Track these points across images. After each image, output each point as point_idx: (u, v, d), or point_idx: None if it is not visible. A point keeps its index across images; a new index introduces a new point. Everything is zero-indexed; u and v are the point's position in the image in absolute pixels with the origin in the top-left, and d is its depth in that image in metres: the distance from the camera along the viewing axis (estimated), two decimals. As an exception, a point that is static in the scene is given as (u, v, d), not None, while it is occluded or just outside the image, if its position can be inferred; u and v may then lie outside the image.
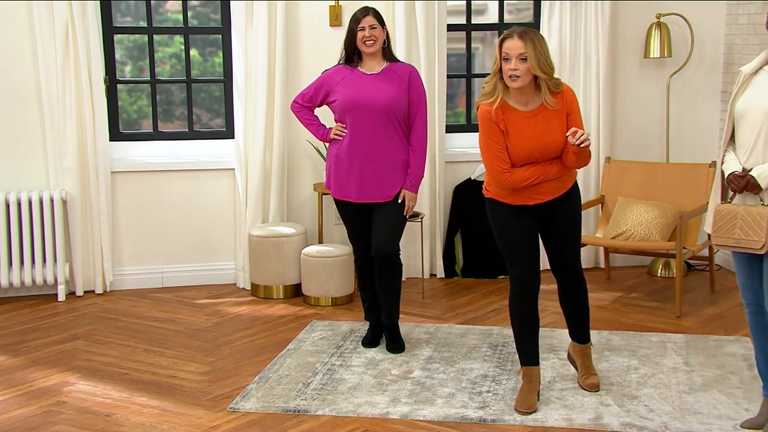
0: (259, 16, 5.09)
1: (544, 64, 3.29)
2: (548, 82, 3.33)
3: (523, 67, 3.27)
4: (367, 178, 4.03)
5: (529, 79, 3.31)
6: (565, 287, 3.68)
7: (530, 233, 3.51)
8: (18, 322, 4.71)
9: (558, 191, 3.48)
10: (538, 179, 3.41)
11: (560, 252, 3.59)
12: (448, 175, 5.54)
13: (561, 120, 3.38)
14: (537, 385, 3.58)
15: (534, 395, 3.55)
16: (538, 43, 3.29)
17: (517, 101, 3.39)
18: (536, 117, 3.38)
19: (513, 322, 3.58)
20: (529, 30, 3.33)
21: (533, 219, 3.51)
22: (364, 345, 4.24)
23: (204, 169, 5.34)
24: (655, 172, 5.24)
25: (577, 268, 3.63)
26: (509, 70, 3.28)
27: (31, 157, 5.10)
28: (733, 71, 5.56)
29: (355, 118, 4.01)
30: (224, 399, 3.67)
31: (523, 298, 3.53)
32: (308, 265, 4.98)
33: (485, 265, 5.54)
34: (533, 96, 3.39)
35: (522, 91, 3.36)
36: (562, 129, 3.37)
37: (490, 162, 3.42)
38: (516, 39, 3.27)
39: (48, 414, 3.53)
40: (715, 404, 3.56)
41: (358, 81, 4.03)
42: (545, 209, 3.50)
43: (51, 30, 4.92)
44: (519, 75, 3.28)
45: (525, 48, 3.25)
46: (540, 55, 3.27)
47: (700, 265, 5.57)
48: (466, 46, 5.69)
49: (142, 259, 5.33)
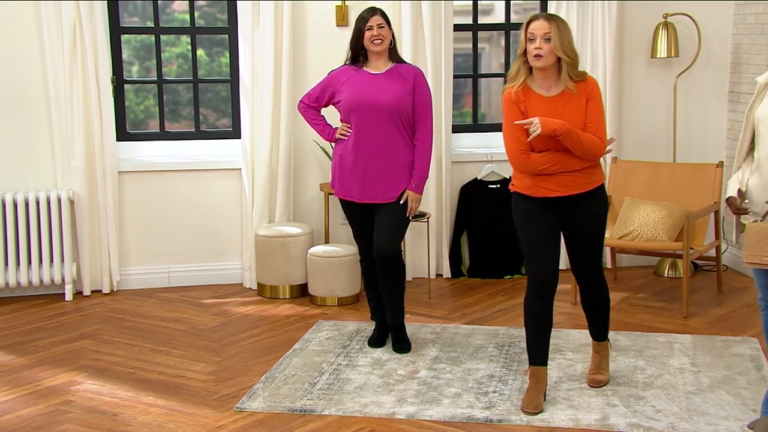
0: (266, 16, 5.10)
1: (567, 48, 3.37)
2: (570, 68, 3.39)
3: (547, 47, 3.35)
4: (371, 178, 4.03)
5: (552, 60, 3.38)
6: (585, 289, 3.72)
7: (551, 231, 3.52)
8: (25, 321, 4.72)
9: (580, 187, 3.47)
10: (555, 166, 3.42)
11: (580, 256, 3.62)
12: (454, 175, 5.54)
13: (580, 107, 3.42)
14: (544, 385, 3.58)
15: (541, 395, 3.55)
16: (563, 27, 3.39)
17: (540, 85, 3.45)
18: (556, 102, 3.42)
19: (525, 319, 3.58)
20: (556, 15, 3.46)
21: (555, 217, 3.51)
22: (370, 345, 4.24)
23: (211, 169, 5.34)
24: (662, 173, 5.23)
25: (596, 272, 3.67)
26: (534, 49, 3.36)
27: (39, 157, 5.12)
28: (740, 71, 5.55)
29: (359, 118, 4.02)
30: (231, 399, 3.67)
31: (539, 296, 3.52)
32: (314, 265, 4.98)
33: (492, 266, 5.53)
34: (556, 81, 3.44)
35: (545, 74, 3.42)
36: (580, 116, 3.41)
37: (509, 143, 3.46)
38: (542, 20, 3.38)
39: (55, 413, 3.54)
40: (722, 405, 3.55)
41: (363, 81, 4.04)
42: (567, 206, 3.50)
43: (59, 30, 4.94)
44: (543, 54, 3.35)
45: (550, 28, 3.35)
46: (563, 38, 3.36)
47: (707, 266, 5.56)
48: (472, 46, 5.69)
49: (148, 259, 5.34)
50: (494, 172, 5.55)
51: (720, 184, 5.06)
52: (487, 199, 5.54)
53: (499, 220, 5.52)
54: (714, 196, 5.04)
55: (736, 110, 5.59)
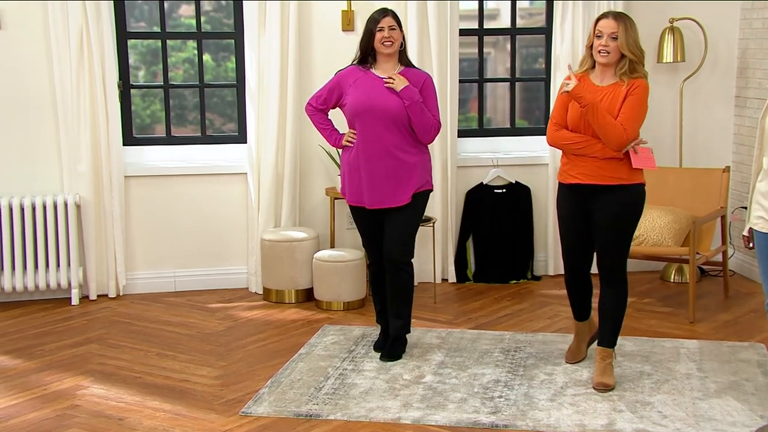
0: (272, 21, 5.11)
1: (633, 46, 3.59)
2: (634, 65, 3.61)
3: (613, 44, 3.58)
4: (378, 183, 4.00)
5: (616, 57, 3.60)
6: (601, 289, 3.80)
7: (577, 223, 3.75)
8: (32, 325, 4.73)
9: (603, 179, 3.63)
10: (578, 145, 3.65)
11: (599, 254, 3.76)
12: (460, 180, 5.54)
13: (619, 99, 3.61)
14: (586, 336, 4.00)
15: (582, 345, 4.01)
16: (630, 26, 3.60)
17: (596, 76, 3.70)
18: (603, 92, 3.64)
19: (566, 287, 3.98)
20: (624, 14, 3.67)
21: (582, 207, 3.72)
22: (375, 349, 4.24)
23: (216, 174, 5.35)
24: (668, 177, 5.22)
25: (613, 275, 3.73)
26: (600, 46, 3.60)
27: (46, 162, 5.14)
28: (747, 76, 5.53)
29: (365, 122, 3.98)
30: (236, 403, 3.67)
31: (572, 275, 3.89)
32: (320, 270, 4.98)
33: (497, 270, 5.53)
34: (612, 75, 3.67)
35: (604, 69, 3.66)
36: (616, 107, 3.60)
37: (551, 117, 3.79)
38: (611, 19, 3.60)
39: (62, 417, 3.55)
40: (729, 411, 3.54)
41: (370, 83, 4.00)
42: (592, 198, 3.68)
43: (66, 35, 4.96)
44: (609, 51, 3.59)
45: (617, 28, 3.57)
46: (629, 37, 3.58)
47: (714, 271, 5.54)
48: (478, 51, 5.69)
49: (154, 264, 5.35)
50: (500, 177, 5.55)
51: (726, 188, 5.05)
52: (493, 203, 5.54)
53: (505, 224, 5.52)
54: (720, 201, 5.02)
55: (743, 115, 5.58)
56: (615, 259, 3.71)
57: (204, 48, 5.43)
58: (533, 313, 4.88)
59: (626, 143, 3.58)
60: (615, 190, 3.64)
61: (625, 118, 3.57)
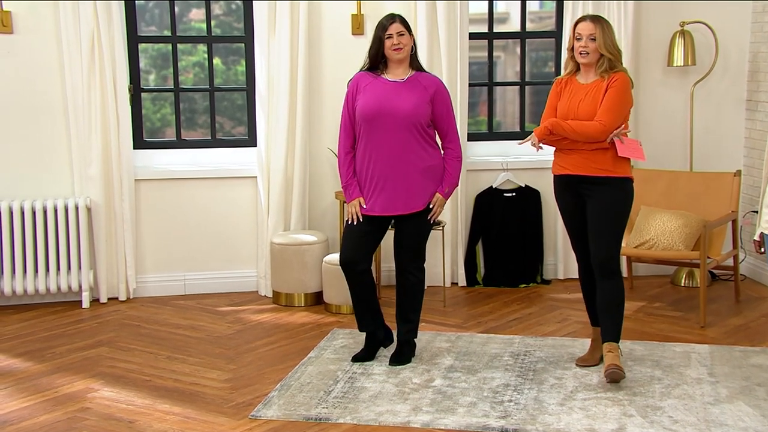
0: (282, 25, 5.12)
1: (610, 46, 3.80)
2: (612, 63, 3.80)
3: (592, 45, 3.79)
4: (390, 189, 3.96)
5: (596, 57, 3.81)
6: (597, 284, 3.89)
7: (575, 211, 3.90)
8: (43, 328, 4.75)
9: (590, 170, 3.81)
10: (563, 141, 3.83)
11: (591, 245, 3.86)
12: (469, 184, 5.54)
13: (600, 94, 3.80)
14: (600, 342, 3.97)
15: (595, 353, 4.04)
16: (607, 28, 3.82)
17: (581, 76, 3.93)
18: (587, 88, 3.86)
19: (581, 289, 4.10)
20: (601, 17, 3.86)
21: (573, 197, 3.89)
22: (355, 360, 4.13)
23: (226, 177, 5.37)
24: (679, 181, 5.20)
25: (605, 265, 3.82)
26: (580, 47, 3.82)
27: (56, 165, 5.16)
28: (758, 79, 5.51)
29: (377, 126, 3.94)
30: (246, 406, 3.67)
31: (585, 270, 3.99)
32: (329, 273, 4.98)
33: (507, 274, 5.52)
34: (594, 72, 3.87)
35: (586, 69, 3.88)
36: (597, 101, 3.80)
37: (542, 119, 3.96)
38: (588, 22, 3.81)
39: (72, 420, 3.56)
40: (741, 416, 3.52)
41: (380, 89, 3.97)
42: (582, 189, 3.84)
43: (77, 39, 4.98)
44: (588, 52, 3.80)
45: (595, 30, 3.79)
46: (607, 38, 3.79)
47: (725, 275, 5.52)
48: (488, 55, 5.69)
49: (164, 267, 5.37)
50: (509, 181, 5.54)
51: (737, 192, 5.03)
52: (503, 207, 5.53)
53: (515, 228, 5.51)
54: (731, 205, 5.00)
55: (754, 119, 5.56)
56: (606, 248, 3.80)
57: (214, 52, 5.45)
58: (543, 317, 4.87)
59: (606, 134, 3.75)
60: (602, 182, 3.80)
61: (603, 111, 3.75)
